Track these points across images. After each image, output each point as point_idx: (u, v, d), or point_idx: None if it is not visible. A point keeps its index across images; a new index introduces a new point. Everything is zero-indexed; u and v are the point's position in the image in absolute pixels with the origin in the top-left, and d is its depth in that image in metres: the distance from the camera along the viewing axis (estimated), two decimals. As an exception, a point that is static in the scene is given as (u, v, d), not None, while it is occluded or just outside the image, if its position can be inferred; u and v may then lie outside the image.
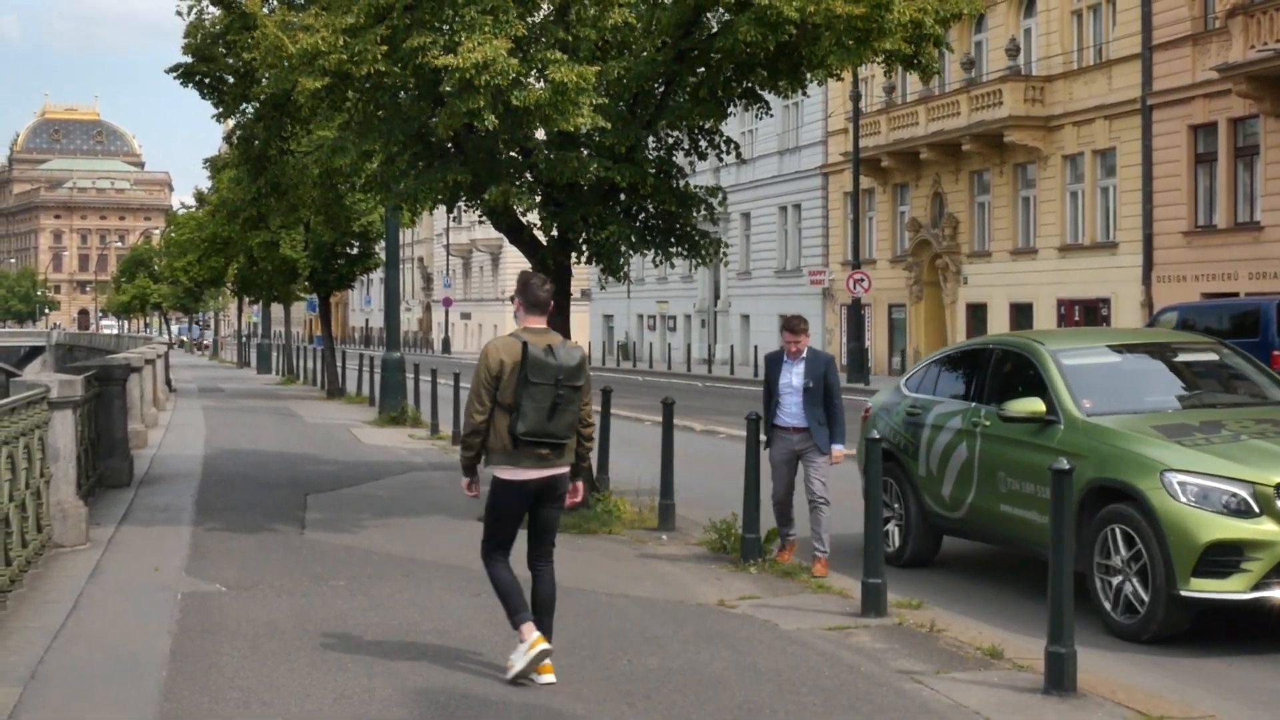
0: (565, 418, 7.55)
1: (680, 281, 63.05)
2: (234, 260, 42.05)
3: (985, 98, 40.68)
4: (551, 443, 7.55)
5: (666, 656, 8.08)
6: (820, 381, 11.15)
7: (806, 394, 11.12)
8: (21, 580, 9.83)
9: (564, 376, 7.55)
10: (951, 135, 42.02)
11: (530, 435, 7.46)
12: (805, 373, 11.17)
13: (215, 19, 14.69)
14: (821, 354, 11.49)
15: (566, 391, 7.56)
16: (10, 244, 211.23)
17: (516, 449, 7.51)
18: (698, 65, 13.29)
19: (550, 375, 7.50)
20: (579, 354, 7.79)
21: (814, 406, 11.10)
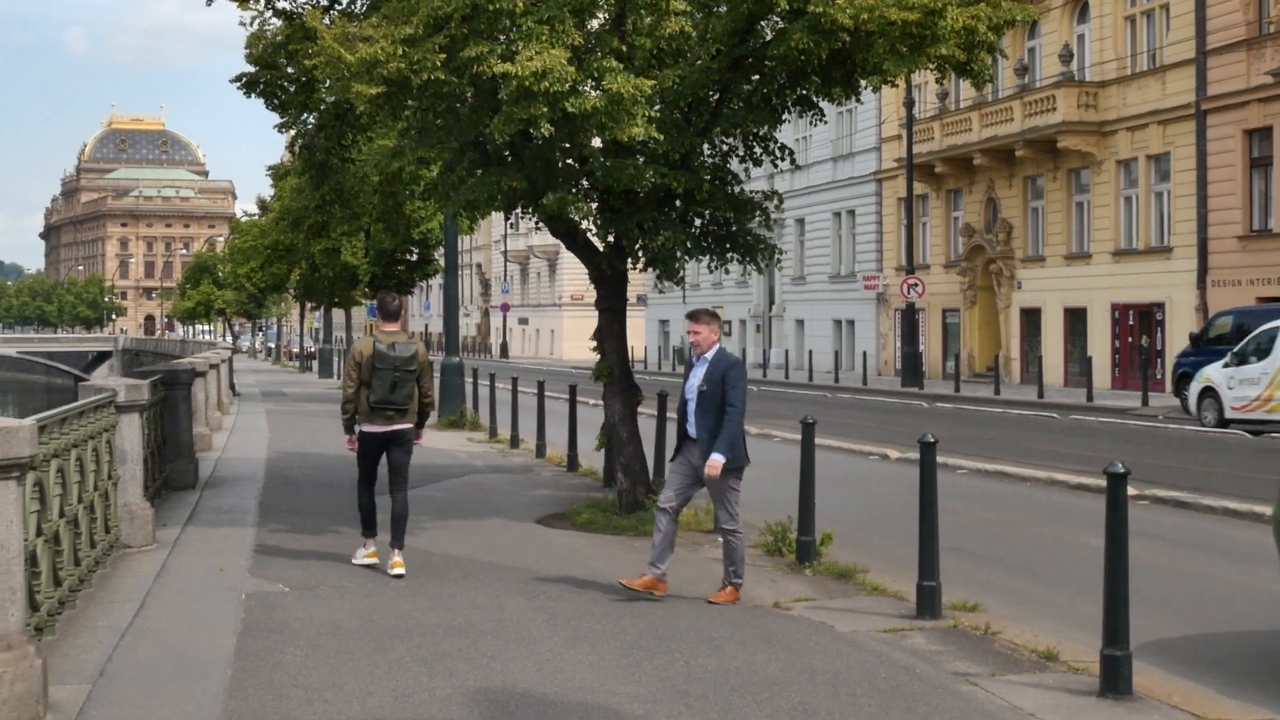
0: (403, 390, 10.82)
1: (735, 287, 63.03)
2: (296, 266, 42.53)
3: (1039, 103, 40.52)
4: (394, 408, 10.85)
5: (723, 657, 8.16)
6: (717, 386, 9.78)
7: (701, 399, 9.82)
8: (90, 580, 10.03)
9: (399, 364, 10.78)
10: (1005, 141, 41.88)
11: (378, 403, 10.80)
12: (705, 375, 9.87)
13: (277, 29, 14.90)
14: (728, 356, 10.06)
15: (402, 375, 10.80)
16: (78, 251, 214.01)
17: (372, 412, 10.86)
18: (752, 73, 13.36)
19: (390, 364, 10.76)
20: (413, 349, 10.96)
21: (709, 415, 9.78)
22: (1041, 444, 23.17)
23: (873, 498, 16.62)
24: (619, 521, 13.31)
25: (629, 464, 13.91)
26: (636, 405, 14.31)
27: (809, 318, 57.84)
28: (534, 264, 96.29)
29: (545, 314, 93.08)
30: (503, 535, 13.03)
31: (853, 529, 12.76)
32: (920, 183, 46.62)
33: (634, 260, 14.29)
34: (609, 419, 14.32)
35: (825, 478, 12.47)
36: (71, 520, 9.28)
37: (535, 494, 16.21)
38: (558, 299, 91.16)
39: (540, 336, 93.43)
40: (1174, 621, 9.62)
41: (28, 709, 6.51)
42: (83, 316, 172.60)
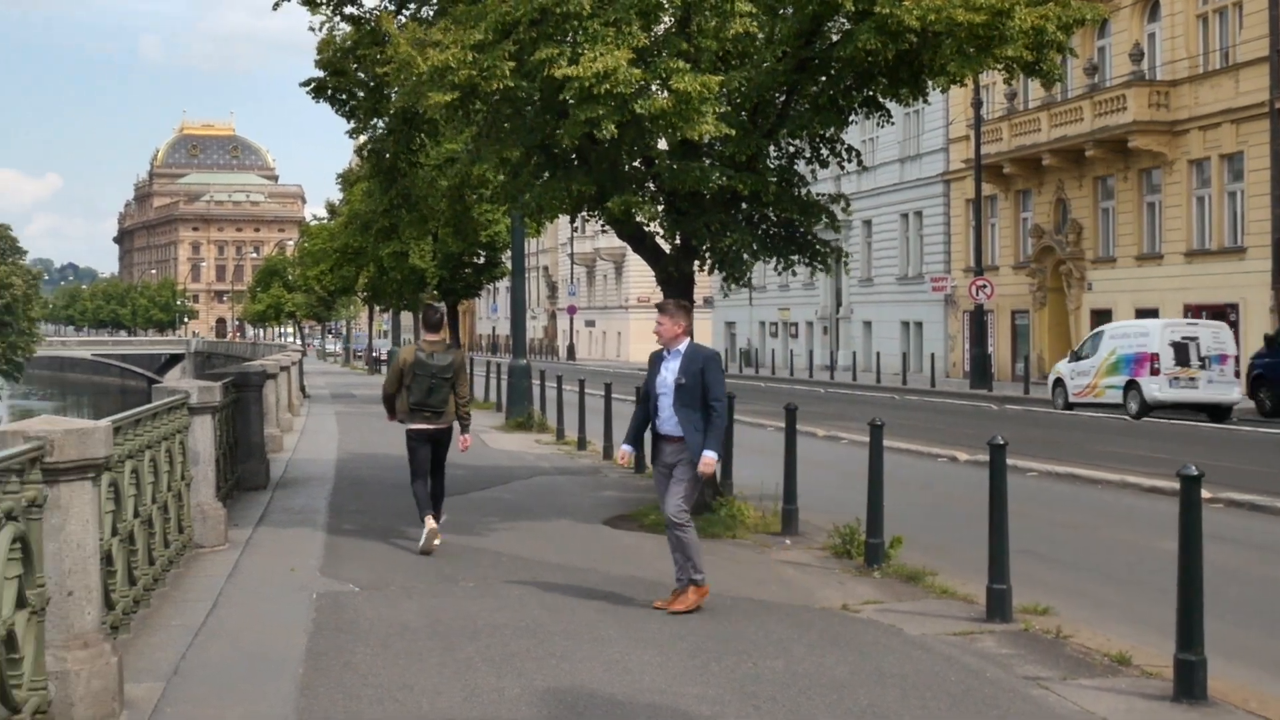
0: (438, 395, 12.14)
1: (802, 289, 62.85)
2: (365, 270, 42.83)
3: (1109, 103, 40.14)
4: (430, 410, 12.17)
5: (791, 660, 8.14)
6: (696, 379, 9.51)
7: (679, 393, 9.54)
8: (164, 579, 10.16)
9: (436, 371, 12.12)
10: (1075, 141, 41.52)
11: (416, 405, 12.15)
12: (680, 368, 9.58)
13: (346, 34, 15.02)
14: (704, 349, 9.85)
15: (438, 380, 12.13)
16: (151, 255, 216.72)
17: (411, 412, 12.22)
18: (818, 74, 13.33)
19: (427, 370, 12.10)
20: (449, 358, 12.26)
21: (689, 409, 9.50)
22: (1113, 446, 22.93)
23: (942, 500, 16.52)
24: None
25: (696, 466, 13.88)
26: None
27: (876, 319, 57.59)
28: (600, 266, 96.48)
29: (612, 316, 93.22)
30: (570, 536, 13.07)
31: (922, 531, 12.67)
32: (989, 183, 46.31)
33: (701, 262, 14.30)
34: (677, 420, 14.30)
35: (894, 480, 12.41)
36: (146, 520, 9.40)
37: (602, 495, 16.24)
38: (624, 301, 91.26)
39: (607, 338, 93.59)
40: (1249, 626, 9.51)
41: (104, 706, 6.61)
42: (156, 319, 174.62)
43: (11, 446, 6.16)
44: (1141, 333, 30.94)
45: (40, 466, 6.36)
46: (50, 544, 6.45)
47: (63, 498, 6.52)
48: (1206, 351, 29.47)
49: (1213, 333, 30.37)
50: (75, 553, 6.57)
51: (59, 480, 6.49)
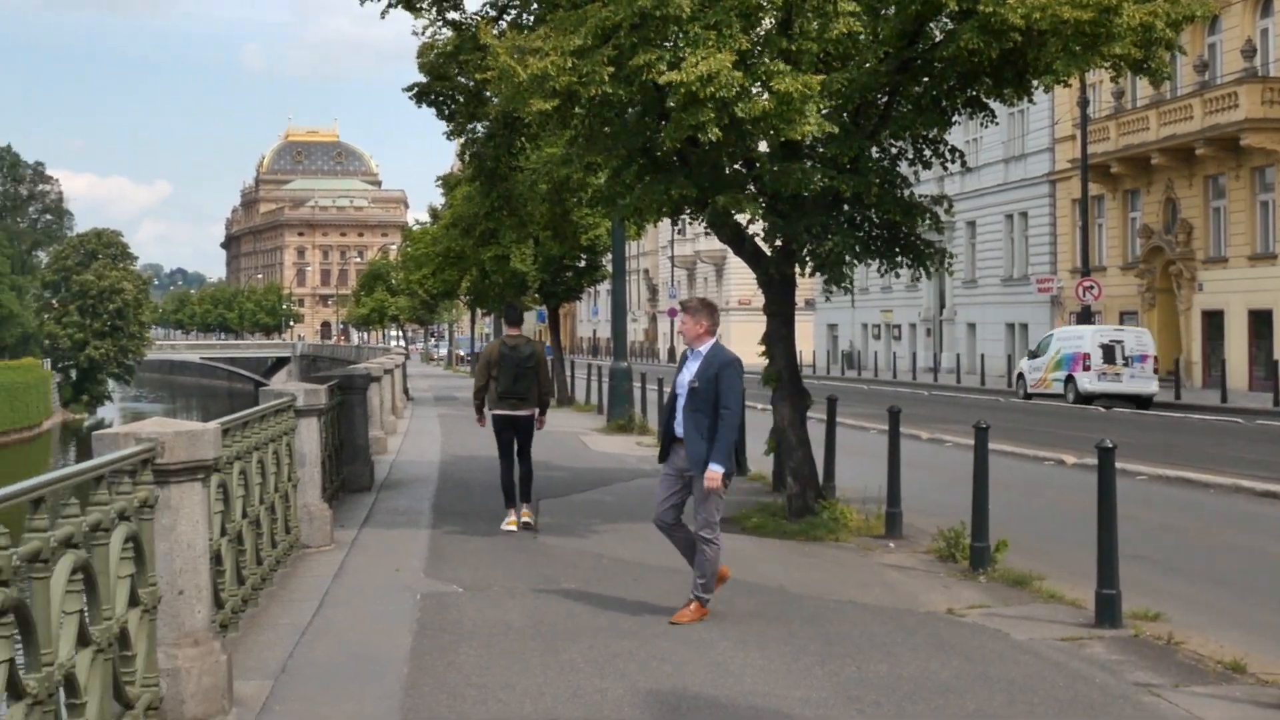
0: (523, 383, 13.36)
1: (905, 290, 62.38)
2: (467, 273, 43.07)
3: (1220, 100, 39.39)
4: (516, 396, 13.39)
5: (896, 663, 8.08)
6: (710, 385, 9.13)
7: (691, 397, 9.21)
8: (271, 579, 10.29)
9: (520, 361, 13.35)
10: (1184, 140, 40.79)
11: (504, 392, 13.35)
12: (697, 371, 9.24)
13: (447, 40, 15.14)
14: (724, 353, 9.39)
15: (522, 369, 13.34)
16: (258, 260, 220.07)
17: (499, 399, 13.37)
18: (921, 74, 13.21)
19: (512, 360, 13.34)
20: (531, 349, 13.53)
21: (699, 414, 9.15)
22: (1225, 450, 22.51)
23: (1049, 504, 16.29)
24: (788, 526, 13.26)
25: (798, 468, 13.85)
26: (806, 410, 14.24)
27: (981, 321, 57.00)
28: (701, 269, 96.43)
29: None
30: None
31: (1028, 535, 12.52)
32: (1095, 183, 45.64)
33: (802, 265, 14.23)
34: (778, 423, 14.28)
35: (999, 483, 12.25)
36: (253, 521, 9.53)
37: (704, 498, 16.18)
38: (725, 303, 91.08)
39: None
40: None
41: (214, 703, 6.71)
42: (262, 323, 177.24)
43: (124, 448, 6.27)
44: (1078, 336, 37.41)
45: (151, 468, 6.47)
46: (161, 544, 6.56)
47: (173, 498, 6.63)
48: (1130, 352, 35.53)
49: (1136, 336, 36.44)
50: (185, 552, 6.68)
51: (170, 481, 6.60)
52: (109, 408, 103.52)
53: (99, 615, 5.51)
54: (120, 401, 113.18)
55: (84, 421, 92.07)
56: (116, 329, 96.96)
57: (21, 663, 4.65)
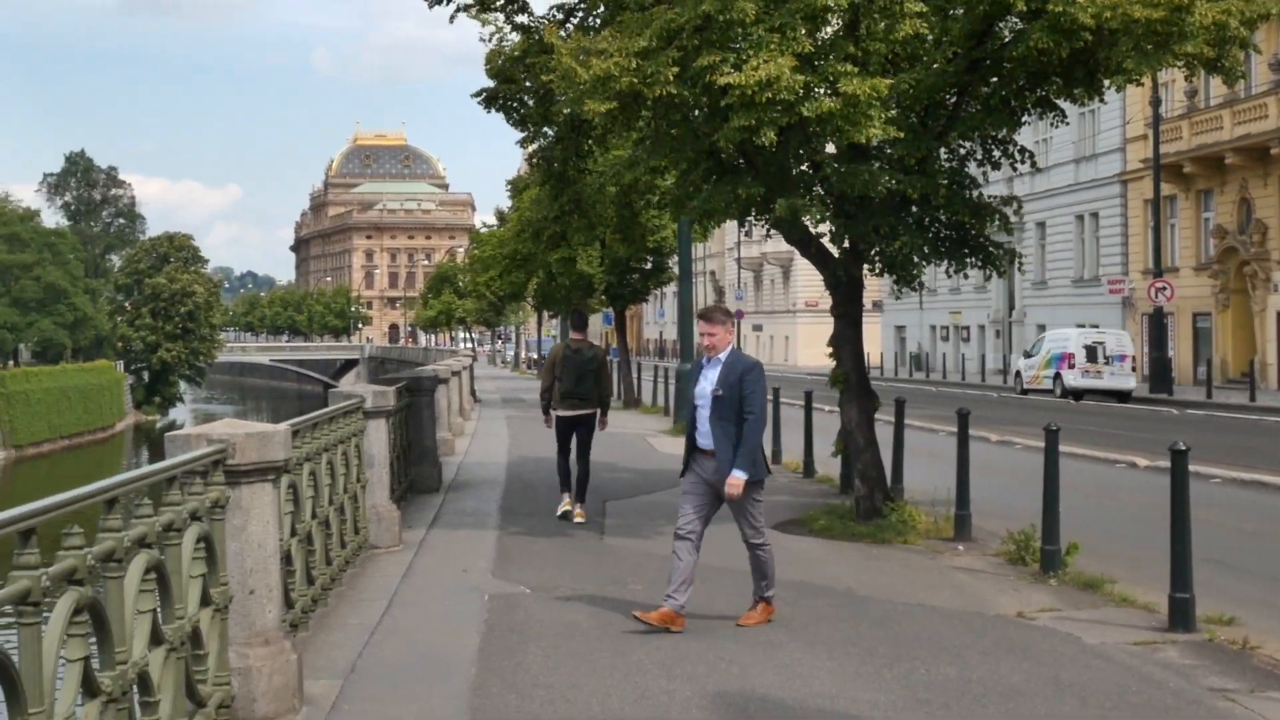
0: (585, 384, 14.18)
1: (974, 292, 61.94)
2: (534, 275, 43.24)
3: (1296, 99, 38.83)
4: (578, 397, 14.20)
5: (965, 666, 8.02)
6: (734, 390, 9.03)
7: (716, 405, 9.08)
8: (341, 579, 10.37)
9: (583, 364, 14.22)
10: (1259, 139, 40.25)
11: (567, 393, 14.18)
12: (718, 378, 9.13)
13: (514, 44, 15.20)
14: (745, 358, 9.39)
15: (584, 371, 14.19)
16: (326, 263, 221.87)
17: (563, 399, 14.20)
18: (990, 75, 13.11)
19: (575, 363, 14.21)
20: (593, 352, 14.45)
21: (726, 422, 9.03)
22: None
23: (1120, 507, 16.12)
24: (856, 528, 13.21)
25: (866, 470, 13.79)
26: (874, 411, 14.18)
27: (1051, 322, 56.45)
28: (768, 271, 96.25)
29: (779, 320, 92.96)
30: (738, 541, 12.99)
31: (1099, 538, 12.39)
32: (1168, 183, 45.12)
33: (870, 266, 14.17)
34: (846, 425, 14.22)
35: (1070, 486, 12.15)
36: (323, 521, 9.60)
37: (771, 500, 16.07)
38: (792, 305, 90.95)
39: (774, 343, 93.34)
40: None
41: (284, 702, 6.76)
42: (331, 326, 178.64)
43: (196, 449, 6.34)
44: (1065, 338, 41.70)
45: (223, 469, 6.54)
46: (232, 544, 6.62)
47: (244, 499, 6.69)
48: (1110, 352, 39.80)
49: (1116, 338, 40.94)
50: (256, 552, 6.74)
51: (240, 482, 6.66)
52: (180, 409, 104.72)
53: (172, 614, 5.57)
54: (191, 403, 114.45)
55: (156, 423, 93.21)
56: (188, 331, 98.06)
57: (96, 661, 4.71)
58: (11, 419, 69.69)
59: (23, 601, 4.13)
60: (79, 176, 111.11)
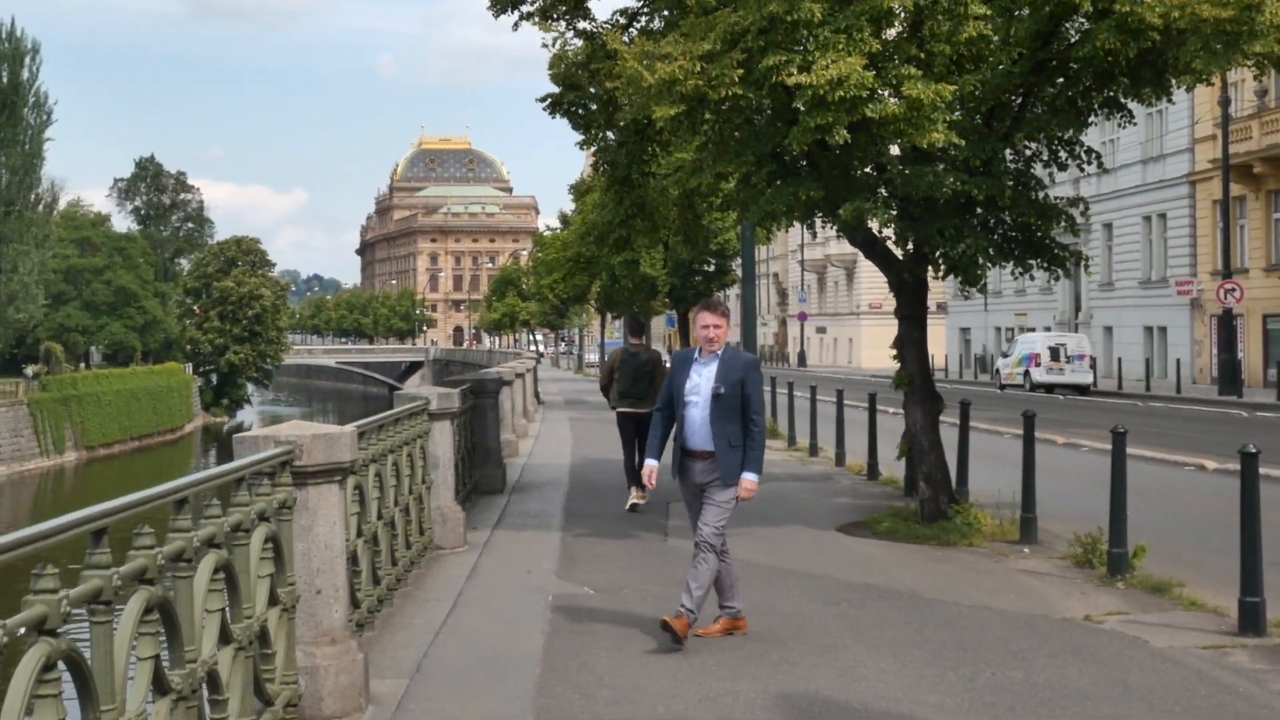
0: (640, 385, 15.37)
1: (1039, 293, 61.47)
2: (597, 278, 43.38)
3: (1370, 96, 38.23)
4: (634, 396, 15.44)
5: (1031, 670, 7.96)
6: (735, 389, 8.55)
7: (716, 404, 8.56)
8: (406, 579, 10.45)
9: (638, 366, 15.49)
10: (1333, 139, 39.65)
11: (623, 392, 15.54)
12: (717, 375, 8.60)
13: (578, 49, 15.24)
14: (742, 353, 8.94)
15: (640, 373, 15.43)
16: (391, 266, 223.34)
17: (620, 398, 15.56)
18: (1056, 75, 13.02)
19: (631, 365, 15.52)
20: (648, 356, 15.73)
21: (725, 422, 8.54)
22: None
23: (1188, 509, 15.95)
24: (921, 530, 13.15)
25: (931, 472, 13.73)
26: (938, 414, 14.11)
27: (1117, 324, 55.97)
28: (831, 272, 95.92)
29: (843, 322, 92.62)
30: (803, 542, 13.02)
31: (1167, 541, 12.27)
32: (1237, 184, 44.57)
33: (934, 268, 14.09)
34: (910, 427, 14.16)
35: (1137, 489, 12.04)
36: (388, 522, 9.68)
37: (835, 502, 16.15)
38: (856, 307, 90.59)
39: (838, 345, 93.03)
40: None
41: (351, 701, 6.83)
42: (396, 328, 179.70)
43: (264, 451, 6.41)
44: (1032, 341, 48.40)
45: (290, 470, 6.61)
46: (299, 544, 6.69)
47: (311, 500, 6.76)
48: (1070, 353, 46.28)
49: (1075, 341, 47.77)
50: (323, 553, 6.80)
51: (307, 483, 6.73)
52: (248, 411, 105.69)
53: (240, 614, 5.64)
54: (259, 405, 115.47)
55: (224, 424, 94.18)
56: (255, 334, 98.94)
57: (166, 659, 4.78)
58: (83, 420, 70.64)
59: (95, 600, 4.19)
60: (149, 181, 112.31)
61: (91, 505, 4.35)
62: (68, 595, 3.93)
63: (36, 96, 68.86)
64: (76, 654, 3.91)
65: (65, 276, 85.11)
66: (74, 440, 69.59)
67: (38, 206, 69.47)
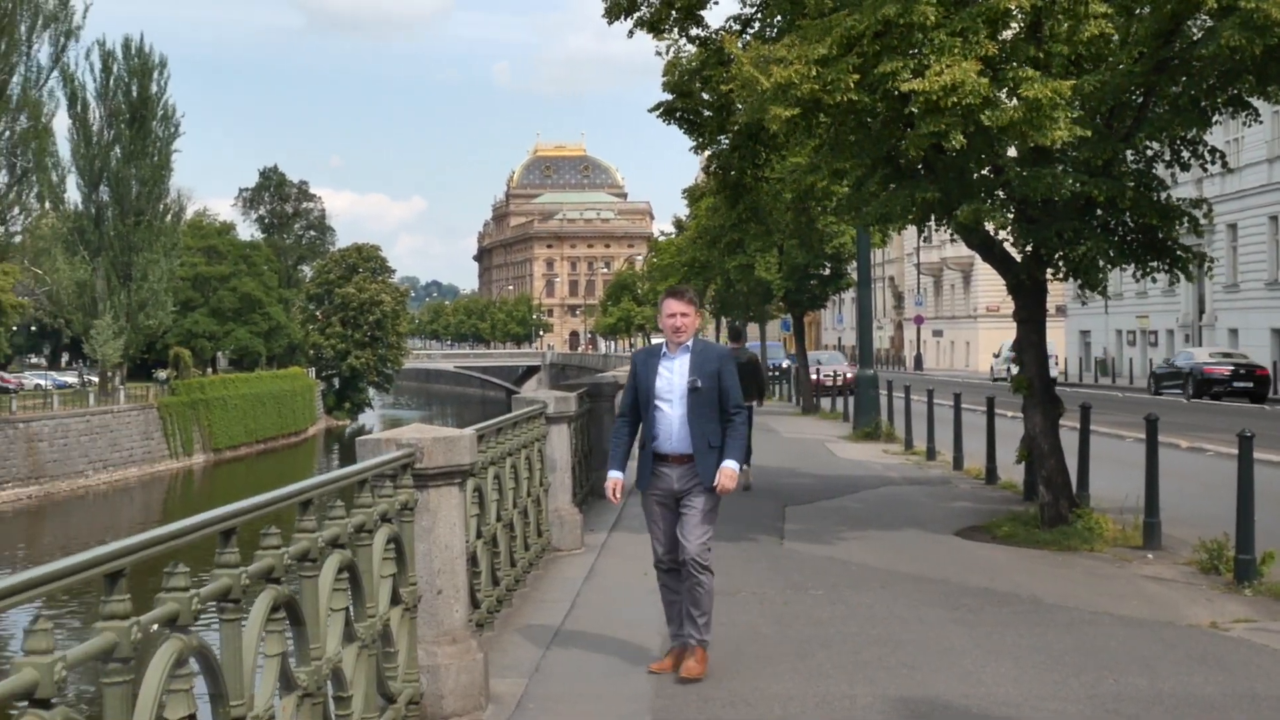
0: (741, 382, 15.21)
1: (1161, 295, 60.36)
2: (712, 282, 43.39)
3: None
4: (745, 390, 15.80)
5: (1155, 678, 7.84)
6: (712, 381, 7.79)
7: (693, 400, 7.78)
8: (524, 580, 10.56)
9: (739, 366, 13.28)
10: None
11: None
12: (691, 368, 7.83)
13: (692, 56, 15.28)
14: (715, 345, 8.23)
15: (743, 373, 13.80)
16: (508, 272, 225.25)
17: None
18: (1178, 74, 12.79)
19: None
20: (747, 356, 17.57)
21: (703, 420, 7.77)
22: None
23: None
24: (1041, 535, 13.00)
25: (1051, 477, 13.56)
26: (1058, 417, 13.93)
27: (1243, 327, 54.76)
28: (948, 276, 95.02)
29: (960, 326, 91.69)
30: (920, 546, 12.93)
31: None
32: (1368, 181, 43.47)
33: (1054, 270, 13.92)
34: (1029, 431, 14.00)
35: (1265, 494, 11.78)
36: (507, 524, 9.79)
37: (953, 506, 16.01)
38: (973, 310, 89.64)
39: (955, 348, 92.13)
40: None
41: (471, 699, 6.92)
42: (513, 333, 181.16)
43: (386, 453, 6.52)
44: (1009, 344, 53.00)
45: (411, 472, 6.72)
46: (420, 545, 6.80)
47: (431, 501, 6.86)
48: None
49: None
50: (444, 553, 6.91)
51: (428, 485, 6.84)
52: (369, 415, 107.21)
53: (363, 613, 5.75)
54: (380, 409, 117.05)
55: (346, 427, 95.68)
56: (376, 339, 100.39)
57: (292, 656, 4.89)
58: (210, 423, 72.19)
59: (224, 598, 4.31)
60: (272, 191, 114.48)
61: (219, 506, 4.46)
62: (198, 593, 4.04)
63: (164, 109, 70.63)
64: (207, 650, 4.02)
65: (193, 284, 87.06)
66: (201, 443, 71.15)
67: (166, 216, 71.20)
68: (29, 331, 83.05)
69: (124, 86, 69.05)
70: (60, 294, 66.13)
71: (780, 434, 28.65)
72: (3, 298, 50.87)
